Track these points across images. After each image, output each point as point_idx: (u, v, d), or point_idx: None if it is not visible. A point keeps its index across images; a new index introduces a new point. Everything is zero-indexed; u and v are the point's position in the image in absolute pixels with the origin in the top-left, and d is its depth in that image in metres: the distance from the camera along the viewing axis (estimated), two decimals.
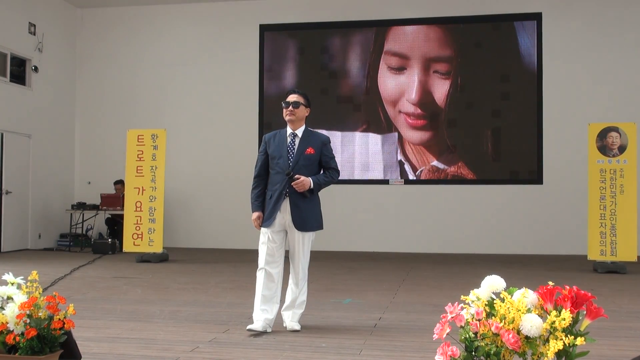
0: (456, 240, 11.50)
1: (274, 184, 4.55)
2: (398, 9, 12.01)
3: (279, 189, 4.51)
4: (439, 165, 11.71)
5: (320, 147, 4.62)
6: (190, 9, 12.74)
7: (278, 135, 4.67)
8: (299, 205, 4.49)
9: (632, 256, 8.42)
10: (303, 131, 4.63)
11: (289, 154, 4.55)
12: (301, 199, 4.49)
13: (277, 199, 4.50)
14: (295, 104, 4.57)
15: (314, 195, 4.58)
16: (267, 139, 4.68)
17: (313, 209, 4.59)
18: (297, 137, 4.60)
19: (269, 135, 4.72)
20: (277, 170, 4.55)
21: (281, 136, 4.64)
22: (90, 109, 13.14)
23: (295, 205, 4.49)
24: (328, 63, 12.22)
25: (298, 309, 4.60)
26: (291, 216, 4.49)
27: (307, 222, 4.53)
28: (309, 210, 4.55)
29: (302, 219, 4.50)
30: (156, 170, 9.68)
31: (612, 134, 8.60)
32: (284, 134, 4.64)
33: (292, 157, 4.53)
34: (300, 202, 4.49)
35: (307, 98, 4.67)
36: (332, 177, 4.65)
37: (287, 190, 4.49)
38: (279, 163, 4.54)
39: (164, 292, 6.63)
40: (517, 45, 11.64)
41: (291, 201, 4.49)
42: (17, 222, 11.40)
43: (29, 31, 11.87)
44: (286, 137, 4.61)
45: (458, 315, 2.55)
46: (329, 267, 9.03)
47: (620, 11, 11.40)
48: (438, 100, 11.75)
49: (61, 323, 3.09)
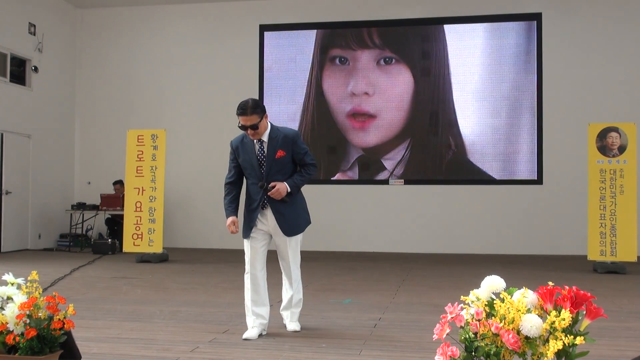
0: (456, 240, 11.50)
1: (252, 195, 4.41)
2: (398, 9, 12.01)
3: (258, 200, 4.36)
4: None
5: (290, 146, 4.38)
6: (190, 9, 12.75)
7: (245, 141, 4.40)
8: (281, 211, 4.35)
9: (632, 256, 8.42)
10: (269, 133, 4.36)
11: (260, 162, 4.35)
12: (282, 205, 4.35)
13: (257, 208, 4.36)
14: (254, 127, 4.23)
15: (294, 196, 4.41)
16: (235, 147, 4.45)
17: (297, 211, 4.44)
18: (264, 143, 4.35)
19: (235, 141, 4.46)
20: (252, 180, 4.40)
21: (247, 144, 4.39)
22: (90, 109, 13.14)
23: (278, 213, 4.35)
24: (328, 63, 12.21)
25: (296, 307, 4.56)
26: (277, 223, 4.36)
27: (293, 226, 4.40)
28: (293, 214, 4.40)
29: (288, 225, 4.37)
30: (156, 171, 9.68)
31: (612, 134, 8.60)
32: (250, 141, 4.37)
33: (264, 167, 4.33)
34: (282, 208, 4.35)
35: (258, 107, 4.24)
36: (309, 174, 4.44)
37: (266, 199, 4.35)
38: (252, 174, 4.38)
39: (163, 292, 6.63)
40: (517, 45, 11.64)
41: (273, 209, 4.35)
42: (17, 222, 11.40)
43: (29, 31, 11.87)
44: (254, 145, 4.36)
45: (458, 316, 2.55)
46: (328, 268, 9.03)
47: (620, 11, 11.39)
48: (437, 100, 11.76)
49: (61, 323, 3.09)
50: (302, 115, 12.20)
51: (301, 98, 12.23)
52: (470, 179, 11.63)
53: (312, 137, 12.05)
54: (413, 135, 11.82)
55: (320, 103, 12.17)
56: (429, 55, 11.87)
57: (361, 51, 12.07)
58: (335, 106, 12.12)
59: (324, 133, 12.12)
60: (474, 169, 11.63)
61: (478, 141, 11.64)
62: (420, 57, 11.89)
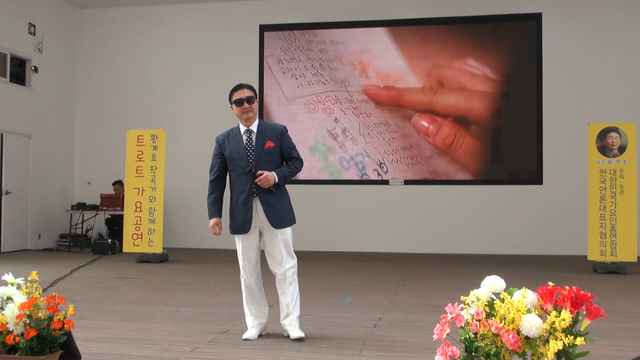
0: (456, 240, 11.50)
1: (239, 186, 4.30)
2: (399, 9, 12.01)
3: (246, 190, 4.26)
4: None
5: (278, 139, 4.36)
6: (190, 9, 12.74)
7: (231, 135, 4.38)
8: (270, 203, 4.25)
9: (632, 256, 8.42)
10: (257, 125, 4.36)
11: (247, 152, 4.30)
12: (270, 196, 4.26)
13: (246, 200, 4.26)
14: (250, 99, 4.28)
15: (280, 189, 4.33)
16: (221, 141, 4.40)
17: (284, 203, 4.35)
18: (253, 133, 4.33)
19: (221, 136, 4.43)
20: (238, 172, 4.31)
21: (235, 136, 4.36)
22: (90, 109, 13.14)
23: (266, 204, 4.25)
24: (328, 63, 12.21)
25: (295, 312, 4.31)
26: (265, 215, 4.25)
27: (282, 218, 4.28)
28: (281, 206, 4.31)
29: (277, 216, 4.26)
30: (156, 171, 9.68)
31: (612, 134, 8.60)
32: (238, 133, 4.36)
33: (253, 156, 4.28)
34: (270, 199, 4.26)
35: (253, 89, 4.38)
36: (296, 167, 4.40)
37: (255, 190, 4.26)
38: (240, 164, 4.29)
39: (163, 292, 6.62)
40: (517, 45, 11.64)
41: (261, 200, 4.25)
42: (17, 222, 11.39)
43: (29, 31, 11.87)
44: (241, 136, 4.34)
45: (458, 316, 2.55)
46: (328, 268, 9.03)
47: (620, 11, 11.39)
48: (438, 100, 11.76)
49: (61, 323, 3.09)
50: (302, 115, 12.21)
51: (301, 98, 12.23)
52: (470, 179, 11.63)
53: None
54: (413, 135, 11.81)
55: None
56: (430, 54, 11.87)
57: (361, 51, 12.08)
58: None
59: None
60: (474, 169, 11.62)
61: (478, 141, 11.63)
62: (421, 55, 11.89)
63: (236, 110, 4.35)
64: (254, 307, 4.37)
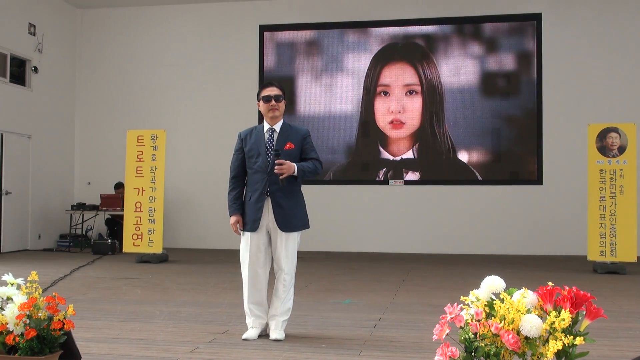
0: (456, 241, 11.50)
1: (254, 184, 4.29)
2: (399, 10, 12.01)
3: (260, 189, 4.25)
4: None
5: (300, 142, 4.34)
6: (190, 9, 12.75)
7: (254, 132, 4.39)
8: (281, 204, 4.23)
9: (631, 257, 8.42)
10: (281, 126, 4.35)
11: (267, 150, 4.28)
12: (284, 197, 4.23)
13: (258, 199, 4.24)
14: (278, 97, 4.30)
15: (296, 191, 4.33)
16: (243, 136, 4.40)
17: (297, 207, 4.30)
18: (275, 133, 4.32)
19: (244, 132, 4.43)
20: (255, 169, 4.29)
21: (258, 133, 4.36)
22: (90, 109, 13.14)
23: (277, 205, 4.22)
24: (328, 63, 12.21)
25: (282, 316, 4.28)
26: (274, 216, 4.22)
27: (290, 222, 4.24)
28: (293, 209, 4.27)
29: (286, 219, 4.22)
30: (156, 171, 9.68)
31: (612, 134, 8.60)
32: (261, 131, 4.36)
33: (272, 155, 4.24)
34: (282, 201, 4.23)
35: (283, 89, 4.39)
36: (317, 167, 4.36)
37: (268, 189, 4.23)
38: (258, 162, 4.28)
39: (163, 292, 6.62)
40: (517, 46, 11.64)
41: (273, 200, 4.22)
42: (17, 222, 11.39)
43: (29, 32, 11.87)
44: (264, 134, 4.33)
45: (458, 316, 2.55)
46: (328, 268, 9.03)
47: (620, 12, 11.40)
48: (438, 100, 11.76)
49: (61, 324, 3.09)
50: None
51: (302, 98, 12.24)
52: (470, 179, 11.63)
53: (313, 138, 12.04)
54: (413, 136, 11.82)
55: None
56: (430, 55, 11.87)
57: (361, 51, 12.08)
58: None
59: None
60: (473, 169, 11.63)
61: (478, 141, 11.63)
62: (421, 56, 11.89)
63: (263, 107, 4.34)
64: (255, 307, 4.34)
